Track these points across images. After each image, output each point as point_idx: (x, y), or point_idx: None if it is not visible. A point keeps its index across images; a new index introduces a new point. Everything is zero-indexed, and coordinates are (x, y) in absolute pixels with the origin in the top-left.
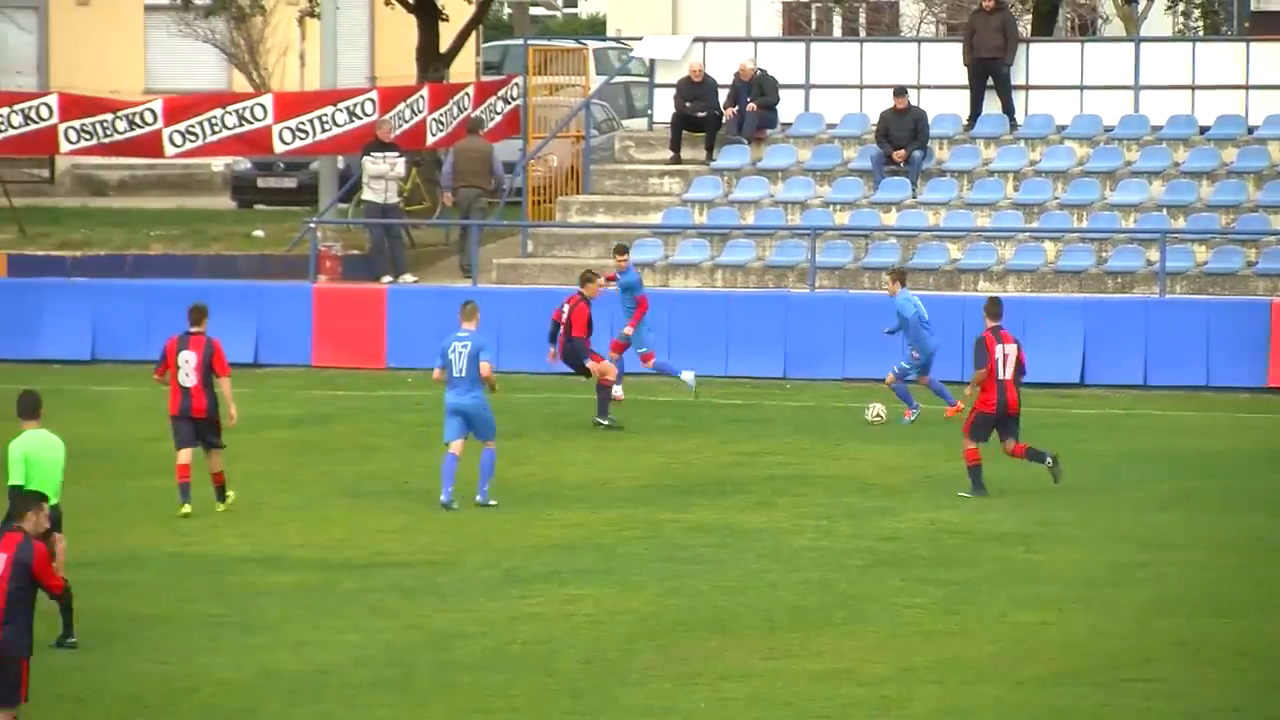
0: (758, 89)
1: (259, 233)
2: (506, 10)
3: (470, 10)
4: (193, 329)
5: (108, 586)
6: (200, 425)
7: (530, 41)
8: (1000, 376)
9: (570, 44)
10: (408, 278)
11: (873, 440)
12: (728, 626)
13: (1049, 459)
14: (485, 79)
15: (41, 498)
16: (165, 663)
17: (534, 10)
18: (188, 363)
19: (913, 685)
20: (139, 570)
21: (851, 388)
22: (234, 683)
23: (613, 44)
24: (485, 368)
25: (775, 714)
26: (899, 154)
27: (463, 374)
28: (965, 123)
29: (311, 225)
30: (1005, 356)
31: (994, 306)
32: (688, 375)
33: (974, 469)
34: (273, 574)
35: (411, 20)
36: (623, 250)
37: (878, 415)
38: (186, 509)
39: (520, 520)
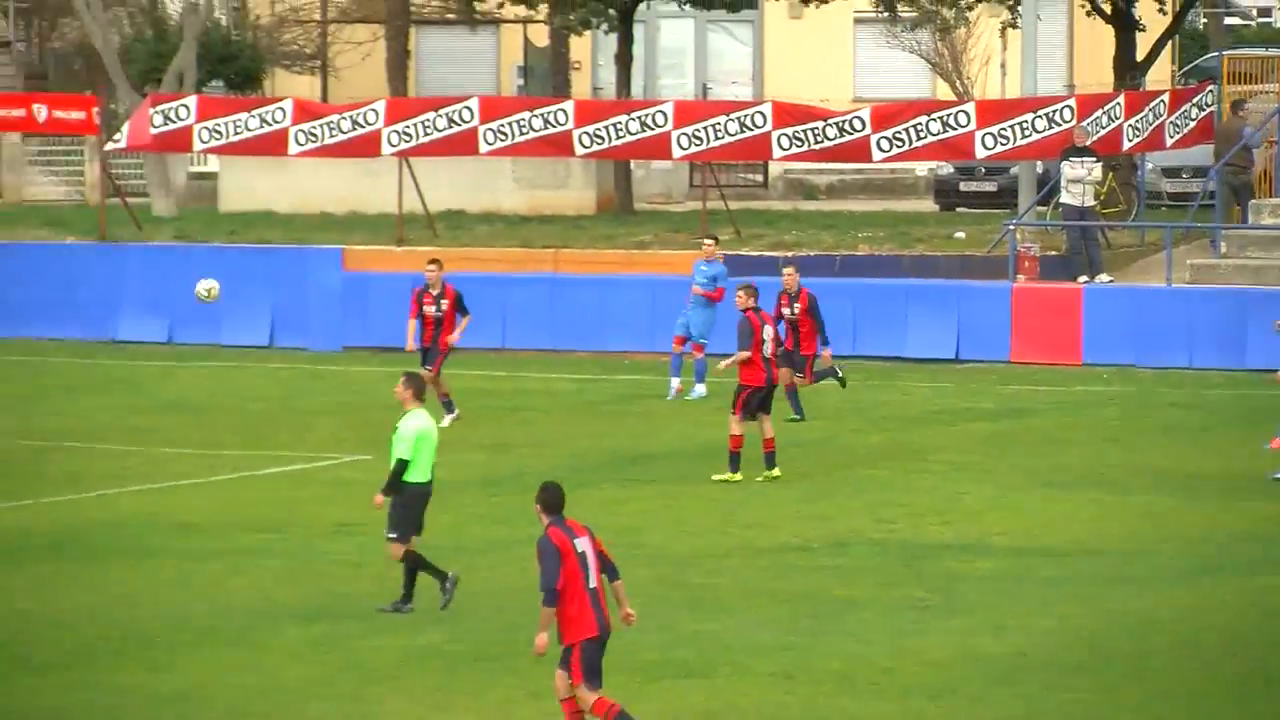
0: None
1: (960, 234)
2: (1202, 20)
3: (1166, 21)
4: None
5: (815, 570)
6: None
7: (1225, 52)
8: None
9: (1265, 52)
10: (1104, 278)
11: None
12: None
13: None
14: (1179, 87)
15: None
16: (870, 643)
17: (1228, 20)
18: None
19: None
20: (844, 555)
21: None
22: (936, 663)
23: None
24: None
25: None
26: None
27: None
28: None
29: (1011, 227)
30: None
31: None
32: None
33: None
34: (973, 560)
35: (1108, 30)
36: (714, 239)
37: None
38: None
39: (1211, 511)
